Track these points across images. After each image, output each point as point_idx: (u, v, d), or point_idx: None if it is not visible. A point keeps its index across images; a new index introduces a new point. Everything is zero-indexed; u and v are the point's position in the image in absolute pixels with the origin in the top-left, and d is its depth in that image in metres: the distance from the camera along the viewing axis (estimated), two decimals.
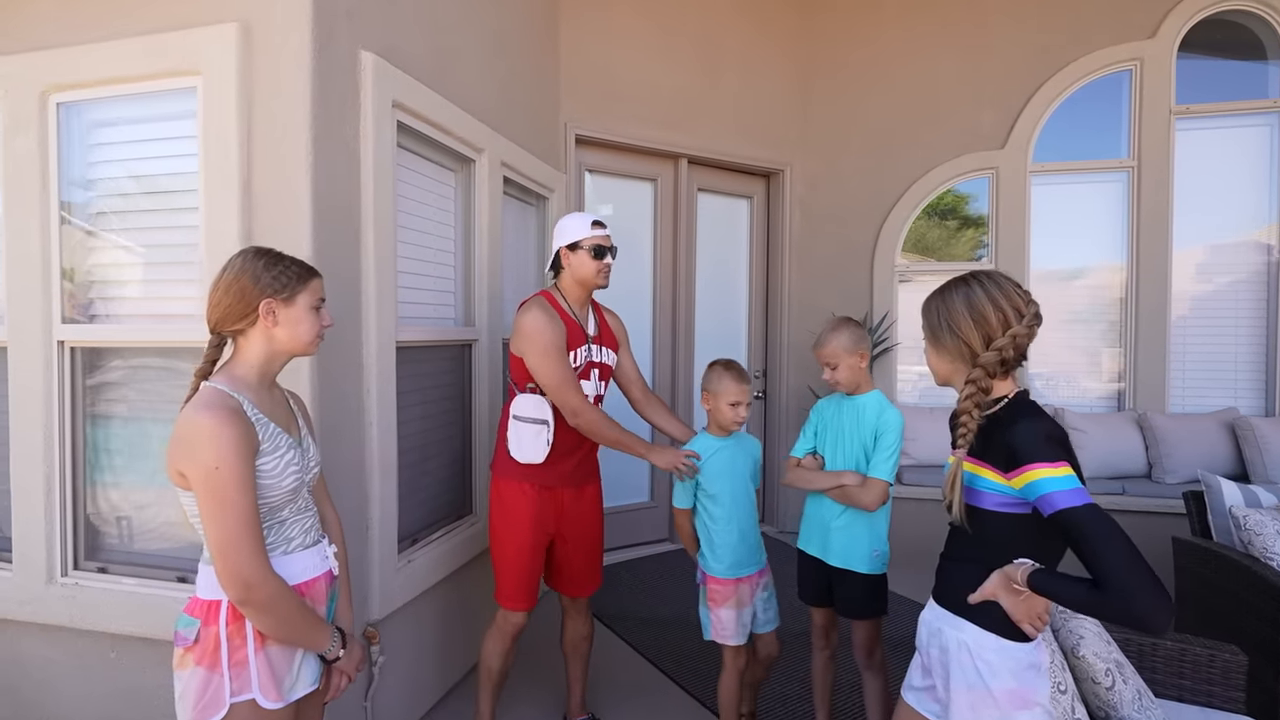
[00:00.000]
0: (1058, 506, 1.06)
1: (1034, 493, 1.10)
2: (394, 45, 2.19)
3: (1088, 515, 1.03)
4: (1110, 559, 0.98)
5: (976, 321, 1.23)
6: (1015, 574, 1.13)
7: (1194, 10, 4.03)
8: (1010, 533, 1.19)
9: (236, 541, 1.16)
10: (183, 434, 1.19)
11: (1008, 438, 1.15)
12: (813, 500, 2.08)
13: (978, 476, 1.21)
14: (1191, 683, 1.78)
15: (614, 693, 2.65)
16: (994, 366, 1.21)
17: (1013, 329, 1.20)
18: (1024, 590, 1.13)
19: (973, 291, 1.25)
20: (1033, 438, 1.12)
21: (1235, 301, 4.15)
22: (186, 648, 1.21)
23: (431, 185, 2.53)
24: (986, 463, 1.20)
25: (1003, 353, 1.20)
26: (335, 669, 1.35)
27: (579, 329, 2.14)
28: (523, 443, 2.07)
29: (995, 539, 1.20)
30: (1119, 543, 1.00)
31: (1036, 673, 1.19)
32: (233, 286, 1.27)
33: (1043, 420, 1.16)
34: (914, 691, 1.37)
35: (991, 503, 1.19)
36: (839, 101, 4.64)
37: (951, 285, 1.29)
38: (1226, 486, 2.68)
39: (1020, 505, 1.17)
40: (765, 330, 4.82)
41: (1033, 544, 1.18)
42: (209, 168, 1.89)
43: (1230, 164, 4.12)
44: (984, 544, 1.22)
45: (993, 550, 1.20)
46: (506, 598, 2.12)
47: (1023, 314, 1.22)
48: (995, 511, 1.19)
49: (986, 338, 1.22)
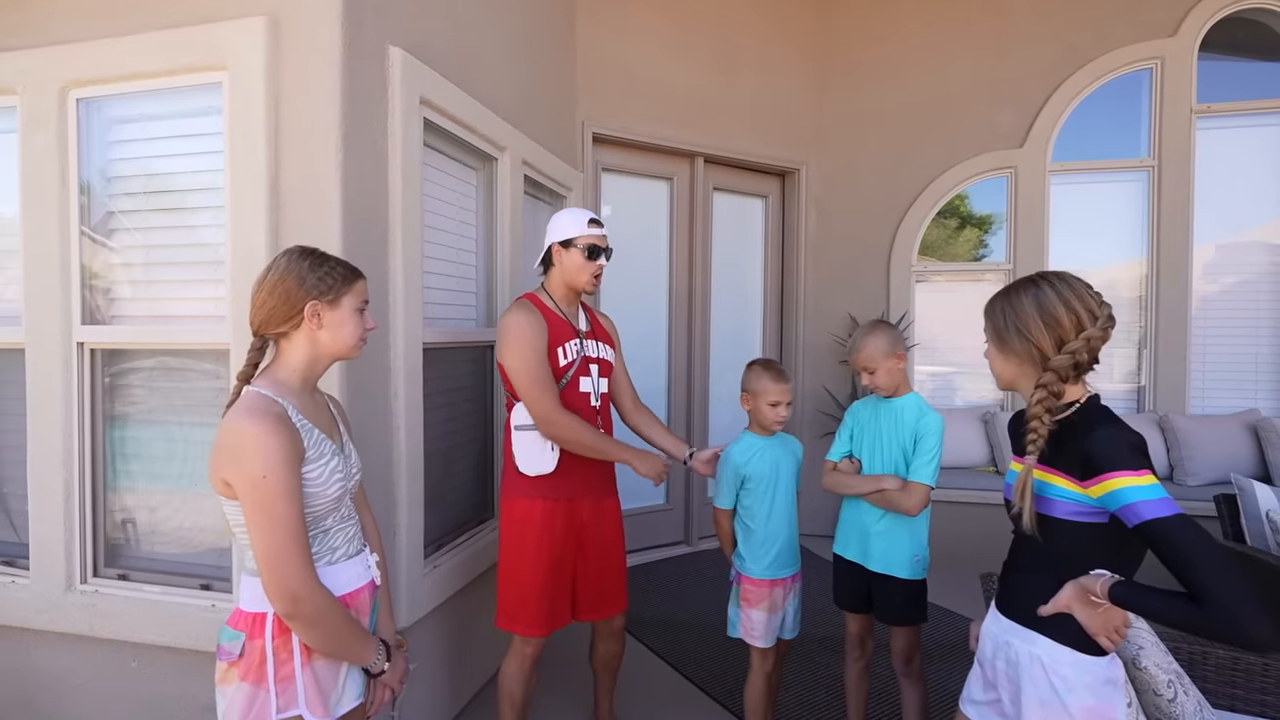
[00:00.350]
0: (1145, 517, 1.02)
1: (1116, 502, 1.06)
2: (420, 41, 2.14)
3: (1179, 526, 0.99)
4: (1210, 574, 0.94)
5: (1048, 323, 1.18)
6: (1094, 586, 1.09)
7: (1215, 8, 4.00)
8: (1084, 542, 1.15)
9: (284, 553, 1.12)
10: (228, 441, 1.14)
11: (1085, 445, 1.11)
12: (850, 504, 2.05)
13: (1048, 484, 1.17)
14: (1244, 692, 1.74)
15: (636, 699, 2.61)
16: (1067, 370, 1.17)
17: (1086, 331, 1.16)
18: (1103, 602, 1.09)
19: (1042, 292, 1.20)
20: (1114, 445, 1.08)
21: (1255, 301, 4.12)
22: (231, 662, 1.17)
23: (453, 184, 2.49)
24: (1059, 470, 1.16)
25: (1076, 356, 1.16)
26: (379, 682, 1.31)
27: (567, 324, 2.02)
28: (528, 453, 1.93)
29: (1068, 549, 1.16)
30: (1217, 556, 0.96)
31: (1114, 688, 1.15)
32: (277, 287, 1.23)
33: (1122, 427, 1.12)
34: (975, 705, 1.33)
35: (1064, 511, 1.15)
36: (855, 100, 4.60)
37: (1019, 286, 1.25)
38: (1260, 490, 2.64)
39: (1096, 514, 1.13)
40: (780, 331, 4.78)
41: (1108, 554, 1.14)
42: (235, 165, 1.84)
43: (1251, 163, 4.09)
44: (1055, 554, 1.18)
45: (1065, 561, 1.16)
46: (522, 624, 1.94)
47: (1096, 315, 1.17)
48: (1068, 521, 1.15)
49: (1059, 340, 1.18)
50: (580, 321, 2.09)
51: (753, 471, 2.04)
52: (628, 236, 3.98)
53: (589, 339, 2.07)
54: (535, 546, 1.94)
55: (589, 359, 2.04)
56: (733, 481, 2.07)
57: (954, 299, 4.55)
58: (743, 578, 2.07)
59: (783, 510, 2.06)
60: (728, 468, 2.07)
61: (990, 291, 1.34)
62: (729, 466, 2.07)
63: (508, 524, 1.99)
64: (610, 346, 2.15)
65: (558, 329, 1.98)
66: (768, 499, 2.04)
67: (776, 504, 2.05)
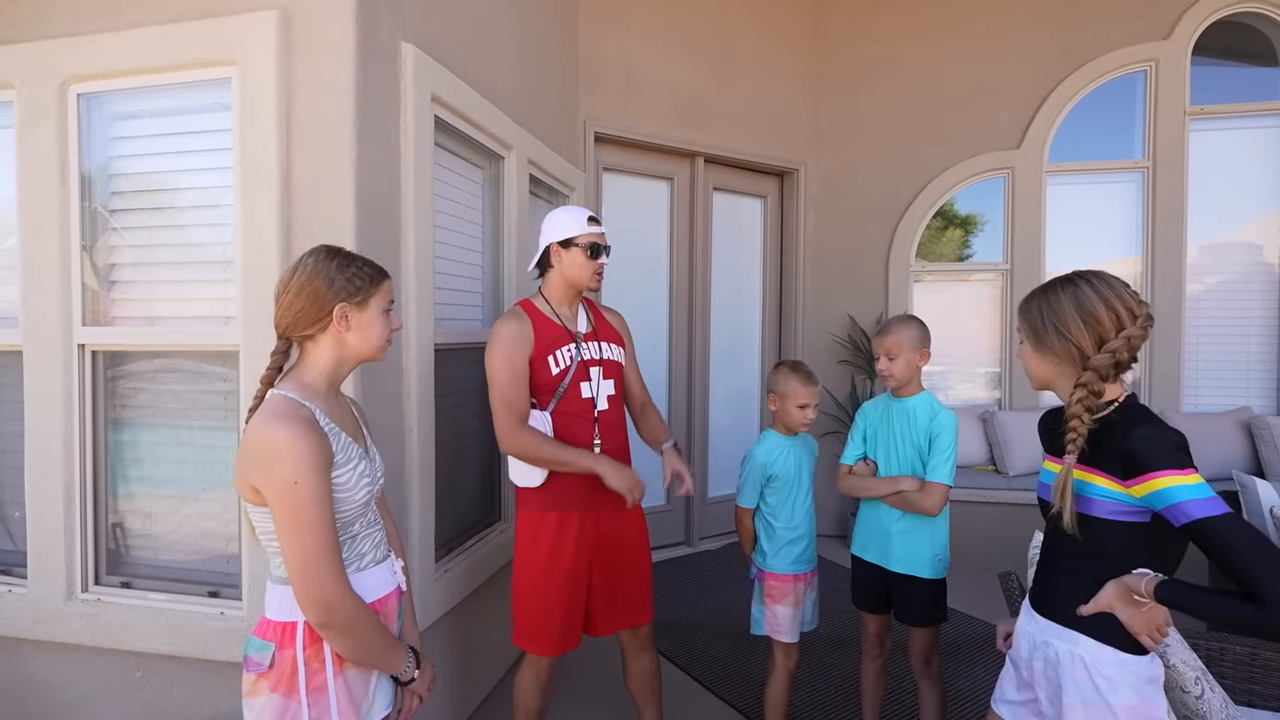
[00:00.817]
0: (1193, 516, 1.02)
1: (1162, 501, 1.06)
2: (430, 38, 2.11)
3: (1230, 524, 0.99)
4: (1267, 571, 0.94)
5: (1087, 322, 1.17)
6: (1137, 585, 1.09)
7: (1208, 11, 4.05)
8: (1126, 542, 1.14)
9: (316, 561, 1.09)
10: (256, 446, 1.11)
11: (1127, 444, 1.11)
12: (868, 506, 2.04)
13: (1088, 484, 1.17)
14: (1262, 688, 1.75)
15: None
16: (1107, 369, 1.16)
17: (1127, 330, 1.16)
18: (1146, 601, 1.09)
19: (1081, 291, 1.19)
20: (1158, 444, 1.08)
21: (1247, 300, 4.19)
22: (260, 673, 1.13)
23: (460, 182, 2.46)
24: (1099, 469, 1.15)
25: (1116, 355, 1.16)
26: (408, 690, 1.28)
27: (561, 330, 1.92)
28: (517, 465, 1.87)
29: (1109, 548, 1.16)
30: (1273, 553, 0.95)
31: (1155, 687, 1.15)
32: (305, 289, 1.19)
33: (1164, 426, 1.11)
34: (1009, 705, 1.33)
35: (1105, 511, 1.15)
36: (852, 101, 4.61)
37: (1056, 285, 1.24)
38: (1262, 487, 2.67)
39: (1138, 513, 1.13)
40: (779, 330, 4.78)
41: (1150, 553, 1.14)
42: (245, 163, 1.80)
43: (1243, 164, 4.15)
44: (1095, 554, 1.17)
45: (1106, 560, 1.16)
46: (535, 642, 1.87)
47: (1135, 314, 1.17)
48: (1109, 520, 1.15)
49: (1099, 339, 1.17)
50: (581, 323, 1.99)
51: (778, 471, 2.07)
52: (628, 235, 3.96)
53: (590, 340, 1.97)
54: (547, 562, 1.86)
55: (588, 362, 1.94)
56: (758, 480, 2.08)
57: (949, 299, 4.58)
58: (766, 575, 2.09)
59: (804, 508, 2.10)
60: (753, 467, 2.08)
61: (981, 292, 1.34)
62: (754, 466, 2.08)
63: (519, 536, 1.92)
64: (619, 345, 2.06)
65: (549, 336, 1.89)
66: (792, 497, 2.07)
67: (799, 502, 2.08)
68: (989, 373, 4.51)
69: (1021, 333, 1.29)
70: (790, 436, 2.12)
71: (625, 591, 1.97)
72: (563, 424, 1.88)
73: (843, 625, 3.21)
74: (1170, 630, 1.54)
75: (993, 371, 4.49)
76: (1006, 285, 4.38)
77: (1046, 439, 1.34)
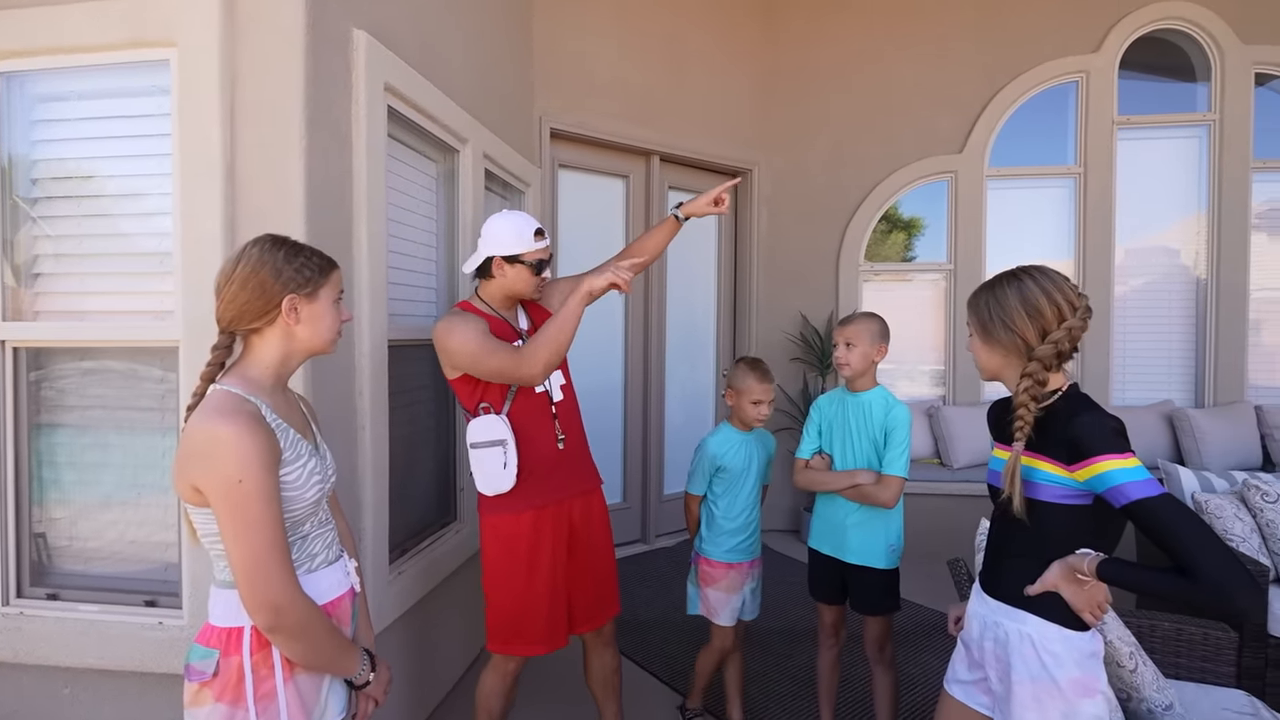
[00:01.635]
0: (1132, 497, 1.07)
1: (1104, 484, 1.11)
2: (383, 26, 2.06)
3: (1166, 504, 1.05)
4: (1199, 549, 1.00)
5: (1031, 315, 1.23)
6: (1080, 564, 1.15)
7: (1135, 26, 4.30)
8: (1070, 524, 1.20)
9: (264, 562, 1.04)
10: (197, 445, 1.06)
11: (1071, 431, 1.16)
12: (825, 500, 2.08)
13: (1035, 469, 1.22)
14: (1188, 660, 1.86)
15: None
16: (1050, 359, 1.22)
17: (1068, 321, 1.21)
18: (1088, 580, 1.14)
19: (1025, 285, 1.25)
20: (1100, 430, 1.13)
21: (1168, 300, 4.45)
22: (203, 682, 1.08)
23: (414, 175, 2.40)
24: (1045, 455, 1.21)
25: (1059, 345, 1.21)
26: (363, 695, 1.24)
27: (507, 327, 1.90)
28: (485, 472, 1.80)
29: (1054, 530, 1.21)
30: (1205, 531, 1.02)
31: (1096, 661, 1.21)
32: (250, 280, 1.14)
33: (1104, 413, 1.17)
34: (961, 685, 1.37)
35: (1051, 495, 1.20)
36: (803, 103, 4.70)
37: (1001, 280, 1.29)
38: (1184, 474, 2.84)
39: (1081, 497, 1.18)
40: (734, 328, 4.84)
41: (1091, 534, 1.19)
42: (185, 149, 1.72)
43: (1165, 172, 4.41)
44: (1041, 536, 1.23)
45: (1051, 541, 1.21)
46: (523, 644, 1.82)
47: (1075, 306, 1.23)
48: (1055, 504, 1.20)
49: (1042, 330, 1.22)
50: (521, 321, 1.97)
51: (727, 463, 2.13)
52: (584, 232, 3.95)
53: (532, 334, 1.93)
54: (529, 560, 1.82)
55: None
56: (708, 470, 2.16)
57: (896, 298, 4.72)
58: (701, 559, 2.19)
59: (747, 502, 2.17)
60: (704, 456, 2.16)
61: (926, 292, 1.39)
62: (705, 455, 2.15)
63: (492, 541, 1.85)
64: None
65: (498, 331, 1.85)
66: (736, 490, 2.15)
67: (743, 496, 2.16)
68: (934, 370, 4.67)
69: (971, 326, 1.34)
70: (744, 431, 2.19)
71: (598, 585, 1.96)
72: (521, 421, 1.85)
73: (797, 618, 3.27)
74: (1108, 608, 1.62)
75: (937, 369, 4.65)
76: (950, 285, 4.54)
77: (995, 428, 1.39)
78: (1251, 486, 2.55)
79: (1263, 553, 2.47)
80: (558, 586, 1.86)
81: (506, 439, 1.79)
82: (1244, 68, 4.24)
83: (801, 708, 2.52)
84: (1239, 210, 4.27)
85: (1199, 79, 4.37)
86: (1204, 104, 4.34)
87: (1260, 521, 2.51)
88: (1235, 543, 2.46)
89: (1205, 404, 4.32)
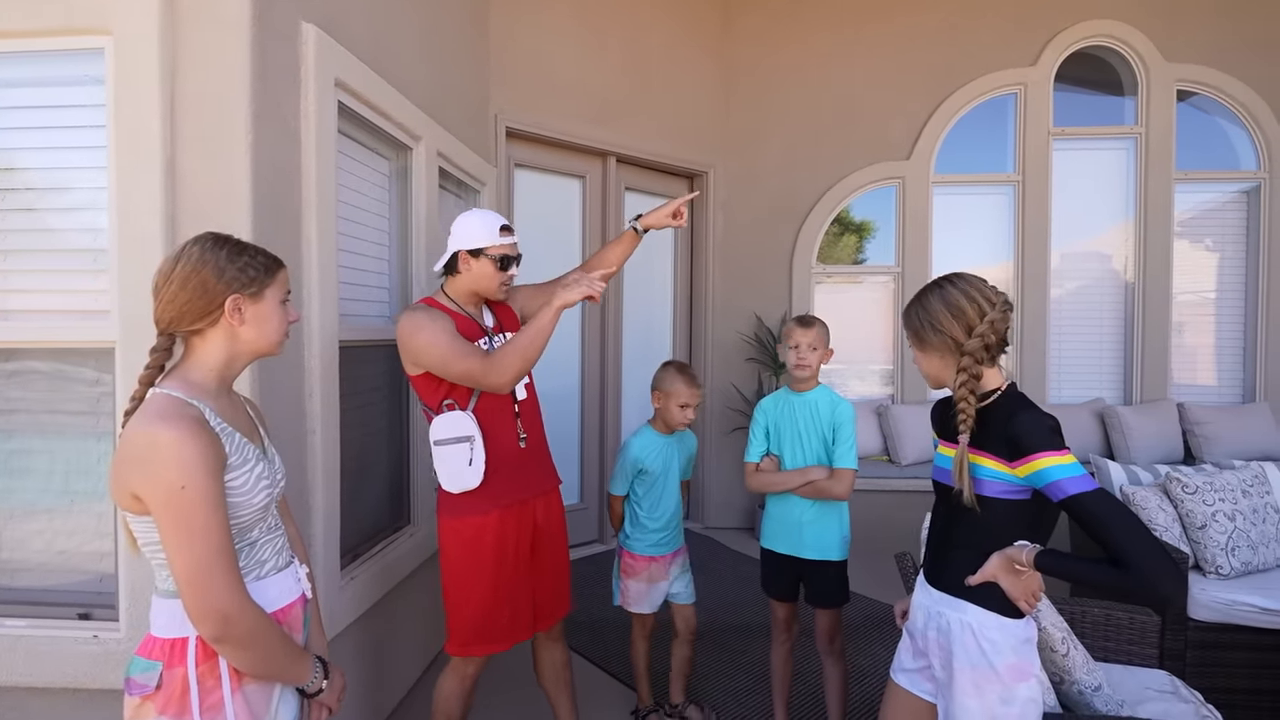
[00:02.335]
0: (1069, 492, 1.14)
1: (1042, 480, 1.17)
2: (334, 19, 2.01)
3: (1100, 499, 1.12)
4: (1130, 540, 1.08)
5: (954, 315, 1.30)
6: (1018, 555, 1.21)
7: (1069, 42, 4.52)
8: (1011, 517, 1.26)
9: (209, 570, 1.01)
10: (137, 450, 1.02)
11: (1010, 429, 1.22)
12: (777, 500, 2.12)
13: (977, 465, 1.28)
14: (1115, 644, 1.98)
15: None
16: (980, 352, 1.28)
17: (989, 316, 1.29)
18: (1025, 570, 1.20)
19: (945, 290, 1.32)
20: (1038, 429, 1.20)
21: (1100, 303, 4.69)
22: (145, 695, 1.04)
23: (366, 173, 2.36)
24: (987, 452, 1.27)
25: (984, 339, 1.28)
26: (316, 703, 1.22)
27: (474, 324, 1.89)
28: (450, 470, 1.78)
29: (995, 524, 1.27)
30: (1136, 524, 1.09)
31: (1030, 646, 1.28)
32: (191, 280, 1.11)
33: (1041, 412, 1.24)
34: (906, 673, 1.43)
35: (993, 490, 1.26)
36: (758, 108, 4.78)
37: (925, 290, 1.37)
38: (1113, 468, 3.01)
39: (1021, 492, 1.24)
40: (690, 329, 4.89)
41: (1029, 527, 1.26)
42: (121, 143, 1.65)
43: (1097, 181, 4.65)
44: (983, 529, 1.28)
45: (993, 534, 1.27)
46: (483, 644, 1.81)
47: (994, 302, 1.30)
48: (996, 498, 1.26)
49: (967, 328, 1.29)
50: (486, 319, 1.95)
51: (649, 466, 2.23)
52: (540, 232, 3.93)
53: (498, 333, 1.93)
54: (494, 562, 1.80)
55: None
56: (629, 472, 2.26)
57: (847, 300, 4.85)
58: (624, 552, 2.30)
59: (668, 501, 2.28)
60: (626, 459, 2.25)
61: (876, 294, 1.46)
62: (627, 458, 2.25)
63: (454, 544, 1.82)
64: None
65: (464, 328, 1.83)
66: (656, 491, 2.25)
67: (664, 496, 2.27)
68: (883, 369, 4.82)
69: (909, 338, 1.39)
70: (667, 435, 2.27)
71: (555, 583, 1.97)
72: (485, 419, 1.83)
73: (751, 615, 3.33)
74: (1041, 596, 1.71)
75: (886, 368, 4.80)
76: (898, 287, 4.68)
77: (939, 426, 1.45)
78: (1173, 479, 2.71)
79: (1183, 541, 2.64)
80: (520, 586, 1.86)
81: (474, 435, 1.77)
82: (1167, 84, 4.51)
83: (756, 702, 2.57)
84: (1163, 219, 4.53)
85: (1128, 93, 4.62)
86: (1132, 117, 4.59)
87: (1181, 512, 2.67)
88: (1159, 531, 2.62)
89: (1133, 401, 4.57)
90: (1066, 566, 1.16)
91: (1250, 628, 2.46)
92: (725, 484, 4.77)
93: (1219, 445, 4.20)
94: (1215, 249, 4.67)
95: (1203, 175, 4.58)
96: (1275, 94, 4.48)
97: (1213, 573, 2.57)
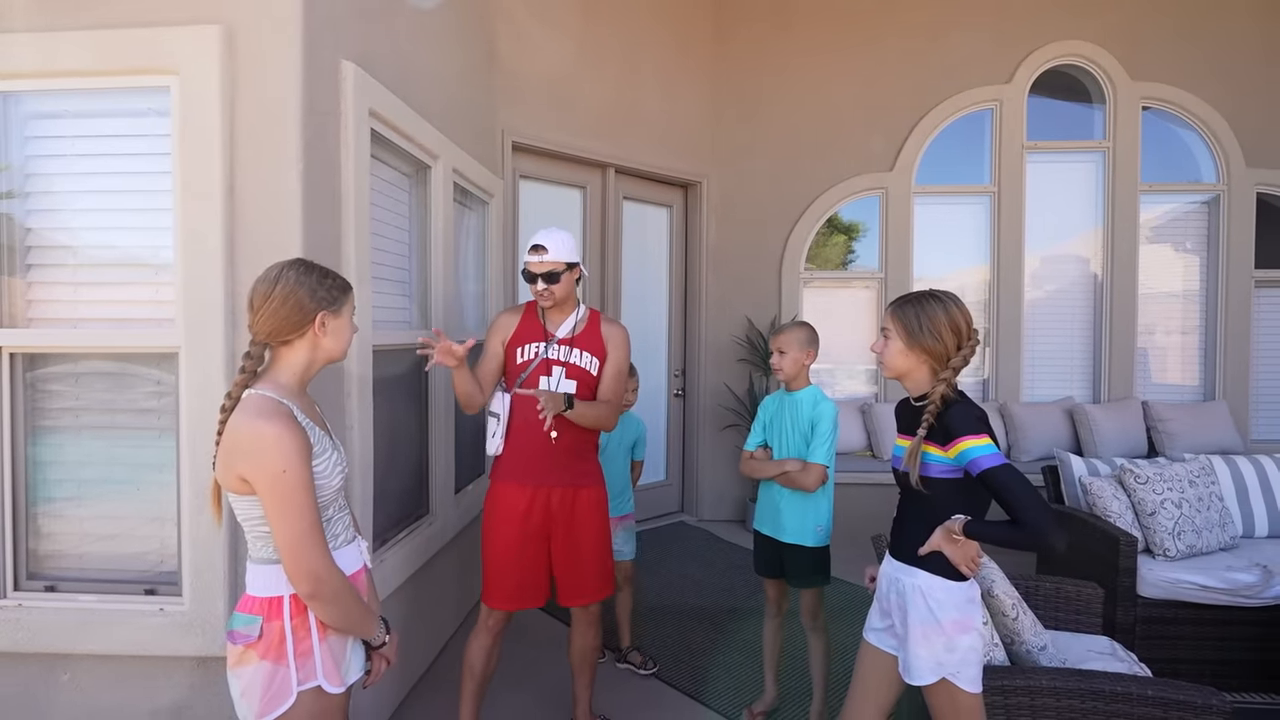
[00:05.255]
0: (982, 467, 1.39)
1: (965, 459, 1.42)
2: (367, 55, 2.23)
3: (1004, 472, 1.37)
4: (1023, 504, 1.33)
5: (954, 331, 1.53)
6: (954, 526, 1.45)
7: (1042, 61, 4.78)
8: (949, 495, 1.50)
9: (305, 539, 1.24)
10: (244, 442, 1.24)
11: (945, 419, 1.46)
12: (765, 486, 2.37)
13: (925, 452, 1.52)
14: (1063, 614, 2.23)
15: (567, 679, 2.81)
16: (961, 366, 1.52)
17: (971, 341, 1.53)
18: (961, 538, 1.45)
19: (947, 307, 1.54)
20: (965, 417, 1.44)
21: (1072, 305, 4.97)
22: (249, 644, 1.26)
23: (389, 189, 2.57)
24: (929, 440, 1.51)
25: (966, 358, 1.52)
26: (378, 654, 1.44)
27: (539, 327, 2.18)
28: (487, 435, 2.19)
29: (937, 501, 1.51)
30: (1027, 490, 1.34)
31: (973, 605, 1.52)
32: (290, 299, 1.32)
33: (970, 403, 1.48)
34: (874, 632, 1.67)
35: (935, 471, 1.50)
36: (750, 120, 5.02)
37: (927, 298, 1.56)
38: (1075, 461, 3.27)
39: (955, 471, 1.48)
40: (685, 331, 5.12)
41: (965, 501, 1.49)
42: (185, 169, 1.86)
43: (1068, 191, 4.93)
44: (929, 506, 1.52)
45: (937, 510, 1.51)
46: (486, 594, 2.15)
47: (974, 329, 1.55)
48: (938, 478, 1.50)
49: (957, 345, 1.53)
50: (564, 329, 2.19)
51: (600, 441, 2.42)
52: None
53: (565, 344, 2.17)
54: (499, 525, 2.14)
55: (551, 361, 2.16)
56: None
57: (834, 303, 5.10)
58: None
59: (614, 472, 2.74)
60: None
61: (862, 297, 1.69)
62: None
63: (487, 505, 2.20)
64: (595, 356, 2.19)
65: (527, 330, 2.19)
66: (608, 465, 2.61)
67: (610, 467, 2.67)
68: (868, 370, 5.07)
69: (892, 330, 1.60)
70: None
71: (577, 569, 2.19)
72: (519, 409, 2.14)
73: (741, 599, 3.58)
74: (995, 570, 1.96)
75: (871, 369, 5.05)
76: (882, 291, 4.94)
77: (901, 421, 1.68)
78: (1127, 471, 2.98)
79: (1135, 526, 2.90)
80: (525, 559, 2.13)
81: (500, 414, 2.15)
82: (1133, 101, 4.79)
83: (747, 675, 2.81)
84: (1129, 227, 4.81)
85: (1096, 102, 4.89)
86: (1101, 129, 4.87)
87: (1133, 500, 2.94)
88: (1112, 518, 2.88)
89: (1102, 399, 4.85)
90: (985, 531, 1.40)
91: (1193, 604, 2.73)
92: (718, 479, 5.01)
93: (1180, 440, 4.48)
94: (1179, 255, 4.96)
95: (1166, 187, 4.87)
96: (1233, 111, 4.77)
97: (1160, 555, 2.84)
